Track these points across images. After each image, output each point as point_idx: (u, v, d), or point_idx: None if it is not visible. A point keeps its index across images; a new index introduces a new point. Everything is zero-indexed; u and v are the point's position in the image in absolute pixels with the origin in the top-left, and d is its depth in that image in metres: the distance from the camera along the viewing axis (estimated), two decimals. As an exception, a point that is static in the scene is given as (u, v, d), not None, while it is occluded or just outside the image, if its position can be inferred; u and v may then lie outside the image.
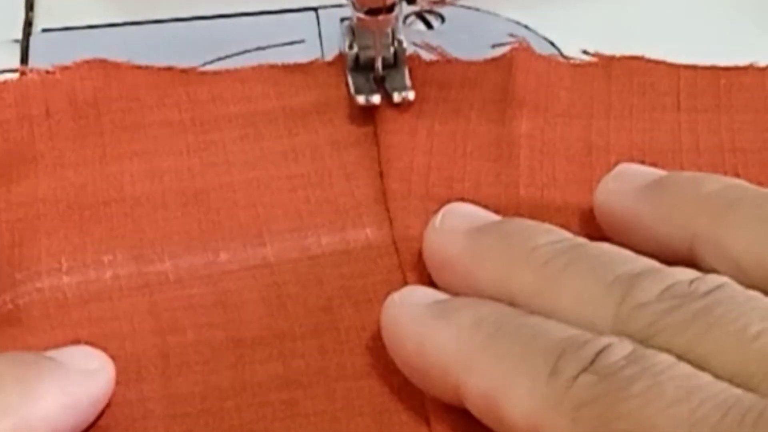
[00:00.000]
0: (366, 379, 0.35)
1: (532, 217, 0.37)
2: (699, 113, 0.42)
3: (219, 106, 0.43)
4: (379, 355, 0.35)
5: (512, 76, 0.43)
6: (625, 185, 0.37)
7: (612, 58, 0.44)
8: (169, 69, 0.44)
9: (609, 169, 0.38)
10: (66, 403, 0.33)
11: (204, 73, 0.44)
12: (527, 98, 0.42)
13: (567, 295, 0.33)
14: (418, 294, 0.35)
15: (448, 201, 0.38)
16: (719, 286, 0.31)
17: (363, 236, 0.39)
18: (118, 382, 0.35)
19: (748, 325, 0.30)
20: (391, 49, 0.42)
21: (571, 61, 0.44)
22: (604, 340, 0.30)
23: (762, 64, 0.44)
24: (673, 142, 0.42)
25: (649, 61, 0.44)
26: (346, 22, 0.43)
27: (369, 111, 0.42)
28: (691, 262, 0.34)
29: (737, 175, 0.39)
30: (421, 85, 0.42)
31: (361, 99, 0.41)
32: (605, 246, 0.34)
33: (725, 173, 0.40)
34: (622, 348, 0.30)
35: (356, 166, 0.41)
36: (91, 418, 0.34)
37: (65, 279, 0.38)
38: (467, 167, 0.40)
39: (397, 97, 0.42)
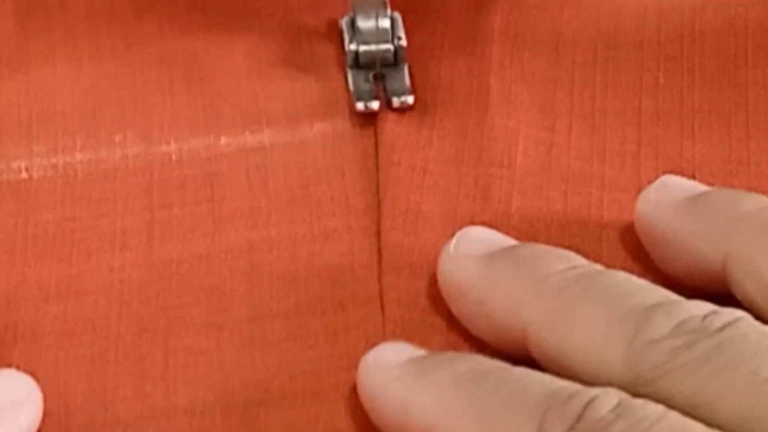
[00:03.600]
0: (328, 242, 0.38)
1: None
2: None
3: None
4: (346, 221, 0.38)
5: None
6: (665, 198, 0.36)
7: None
8: None
9: None
10: None
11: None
12: None
13: (579, 329, 0.32)
14: (393, 351, 0.34)
15: None
16: (733, 322, 0.31)
17: (349, 125, 0.41)
18: (103, 251, 0.38)
19: (760, 368, 0.29)
20: (391, 47, 0.42)
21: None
22: (590, 393, 0.29)
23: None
24: (637, 32, 0.42)
25: None
26: (346, 18, 0.43)
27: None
28: (723, 282, 0.34)
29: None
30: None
31: (360, 105, 0.41)
32: (620, 275, 0.33)
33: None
34: (609, 400, 0.29)
35: None
36: None
37: (79, 156, 0.41)
38: None
39: (396, 102, 0.41)
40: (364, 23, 0.42)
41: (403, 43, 0.42)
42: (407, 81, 0.42)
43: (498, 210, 0.38)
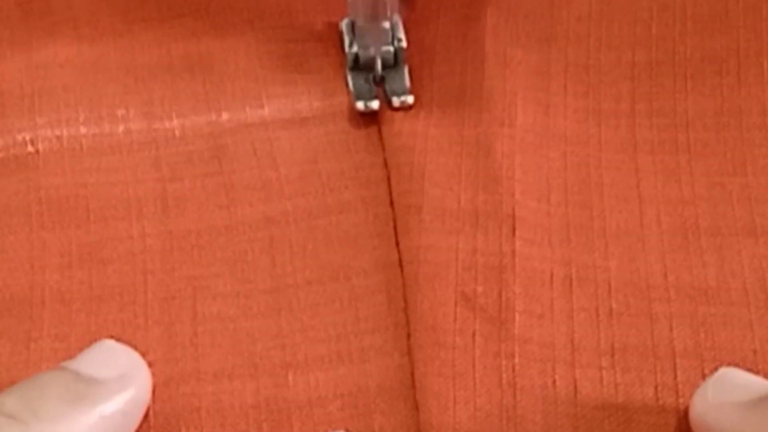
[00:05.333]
0: (344, 214, 0.40)
1: None
2: None
3: None
4: (358, 193, 0.40)
5: None
6: (726, 398, 0.34)
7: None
8: None
9: None
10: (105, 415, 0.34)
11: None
12: None
13: None
14: None
15: None
16: None
17: (346, 101, 0.42)
18: (120, 219, 0.40)
19: None
20: (391, 49, 0.42)
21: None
22: None
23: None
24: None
25: None
26: (346, 21, 0.43)
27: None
28: None
29: None
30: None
31: (360, 105, 0.42)
32: None
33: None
34: None
35: None
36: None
37: (83, 129, 0.42)
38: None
39: (396, 102, 0.42)
40: (364, 25, 0.42)
41: (403, 44, 0.42)
42: (407, 81, 0.42)
43: (502, 165, 0.40)
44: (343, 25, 0.43)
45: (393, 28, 0.43)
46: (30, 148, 0.41)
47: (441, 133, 0.41)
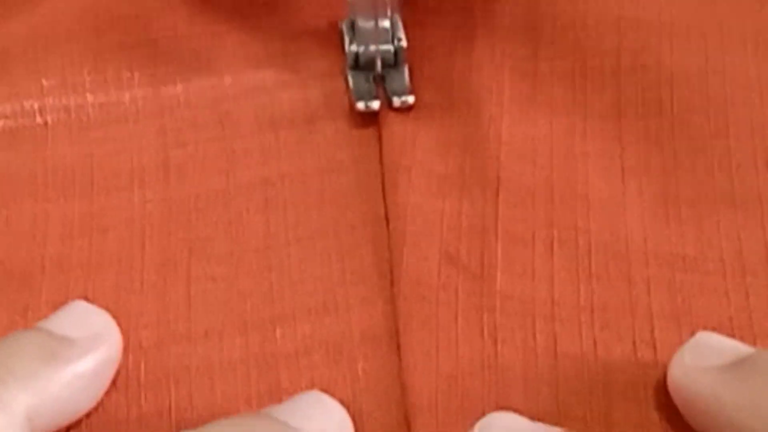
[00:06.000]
0: (336, 174, 0.41)
1: None
2: None
3: None
4: (351, 153, 0.41)
5: None
6: (703, 362, 0.34)
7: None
8: None
9: None
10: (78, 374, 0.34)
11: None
12: None
13: None
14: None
15: None
16: None
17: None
18: (122, 188, 0.41)
19: None
20: (391, 48, 0.43)
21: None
22: None
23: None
24: None
25: None
26: (346, 20, 0.43)
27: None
28: None
29: None
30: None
31: (360, 105, 0.42)
32: None
33: None
34: None
35: None
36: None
37: (89, 98, 0.43)
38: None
39: (396, 102, 0.42)
40: (364, 24, 0.43)
41: (404, 43, 0.43)
42: (407, 81, 0.42)
43: (489, 130, 0.41)
44: (343, 24, 0.44)
45: (393, 27, 0.43)
46: (39, 119, 0.42)
47: (432, 100, 0.42)
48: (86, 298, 0.37)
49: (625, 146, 0.41)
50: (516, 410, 0.34)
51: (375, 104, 0.42)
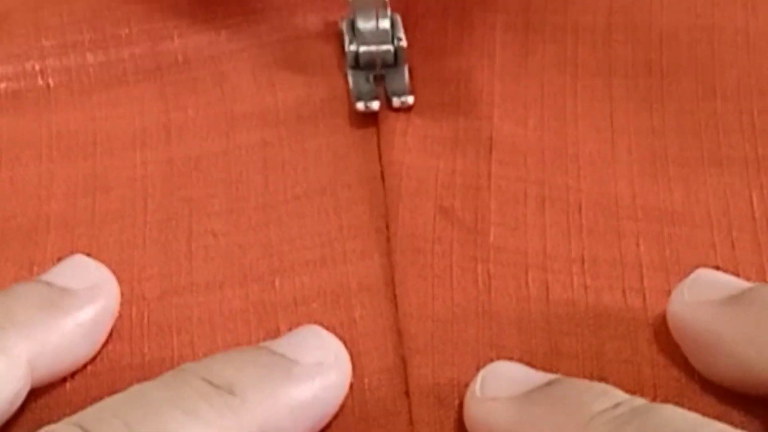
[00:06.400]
0: (334, 135, 0.42)
1: None
2: None
3: None
4: (349, 117, 0.42)
5: None
6: (701, 297, 0.34)
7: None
8: None
9: None
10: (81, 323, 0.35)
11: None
12: None
13: None
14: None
15: None
16: None
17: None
18: (125, 149, 0.42)
19: None
20: (391, 48, 0.43)
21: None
22: None
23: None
24: None
25: None
26: (346, 20, 0.44)
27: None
28: None
29: None
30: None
31: (360, 105, 0.42)
32: (668, 411, 0.30)
33: None
34: None
35: None
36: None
37: (89, 58, 0.44)
38: None
39: (396, 102, 0.42)
40: (364, 24, 0.43)
41: (404, 43, 0.43)
42: (407, 81, 0.42)
43: (481, 93, 0.42)
44: (343, 24, 0.44)
45: (393, 27, 0.43)
46: (40, 81, 0.44)
47: (424, 61, 0.43)
48: (90, 254, 0.38)
49: (615, 107, 0.42)
50: (510, 351, 0.35)
51: (375, 104, 0.42)
